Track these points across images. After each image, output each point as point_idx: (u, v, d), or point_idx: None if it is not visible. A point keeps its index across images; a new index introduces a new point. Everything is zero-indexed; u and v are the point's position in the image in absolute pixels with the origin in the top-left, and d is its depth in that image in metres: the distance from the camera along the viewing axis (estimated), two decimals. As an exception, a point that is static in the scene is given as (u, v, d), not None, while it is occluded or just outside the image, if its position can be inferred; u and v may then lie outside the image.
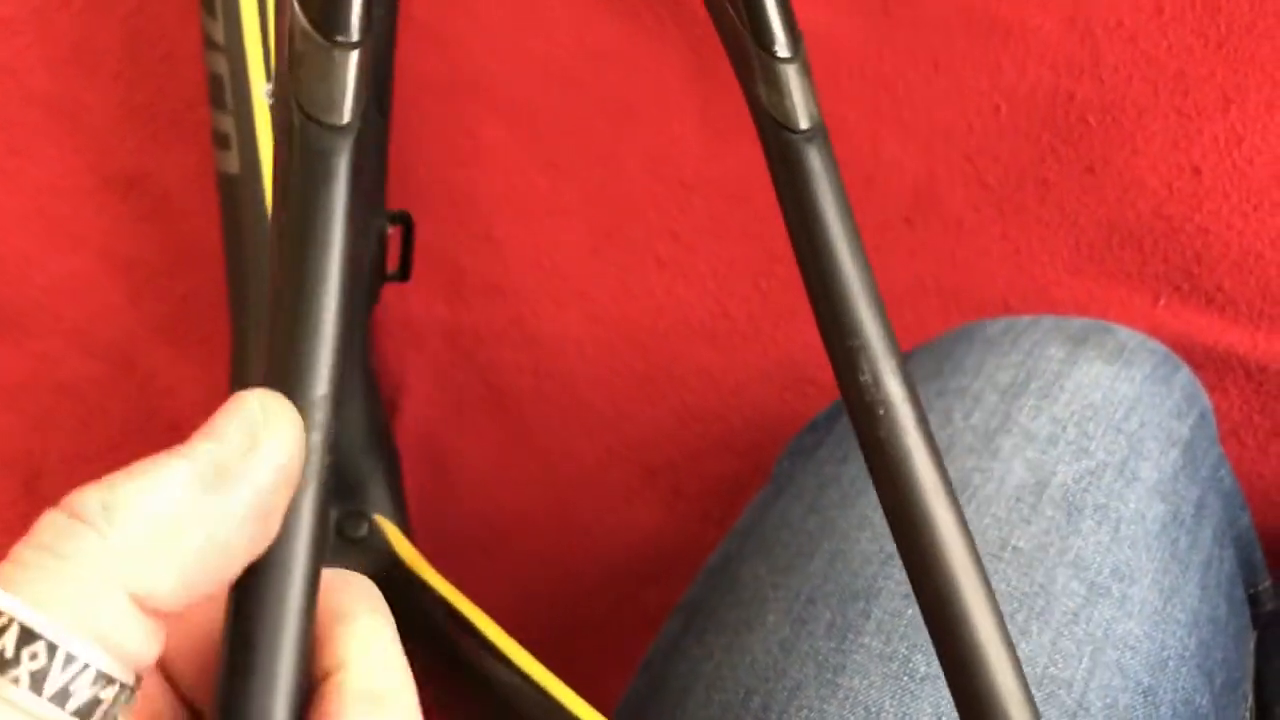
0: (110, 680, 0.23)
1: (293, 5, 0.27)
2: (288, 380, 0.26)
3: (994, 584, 0.50)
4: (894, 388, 0.32)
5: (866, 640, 0.49)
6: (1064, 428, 0.54)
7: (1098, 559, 0.51)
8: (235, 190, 0.64)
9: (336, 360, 0.27)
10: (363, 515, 0.65)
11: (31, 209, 0.81)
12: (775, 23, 0.33)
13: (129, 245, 0.81)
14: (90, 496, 0.23)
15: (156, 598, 0.24)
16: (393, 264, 0.68)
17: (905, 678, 0.48)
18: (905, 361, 0.32)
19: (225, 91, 0.63)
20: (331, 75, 0.27)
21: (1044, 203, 0.73)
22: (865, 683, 0.48)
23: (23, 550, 0.23)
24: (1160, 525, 0.53)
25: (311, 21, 0.27)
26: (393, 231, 0.67)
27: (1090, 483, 0.52)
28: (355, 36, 0.28)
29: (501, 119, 0.78)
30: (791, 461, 0.61)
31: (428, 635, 0.61)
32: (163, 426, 0.80)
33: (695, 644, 0.54)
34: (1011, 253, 0.73)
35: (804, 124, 0.33)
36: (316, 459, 0.26)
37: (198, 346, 0.79)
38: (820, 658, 0.49)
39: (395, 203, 0.78)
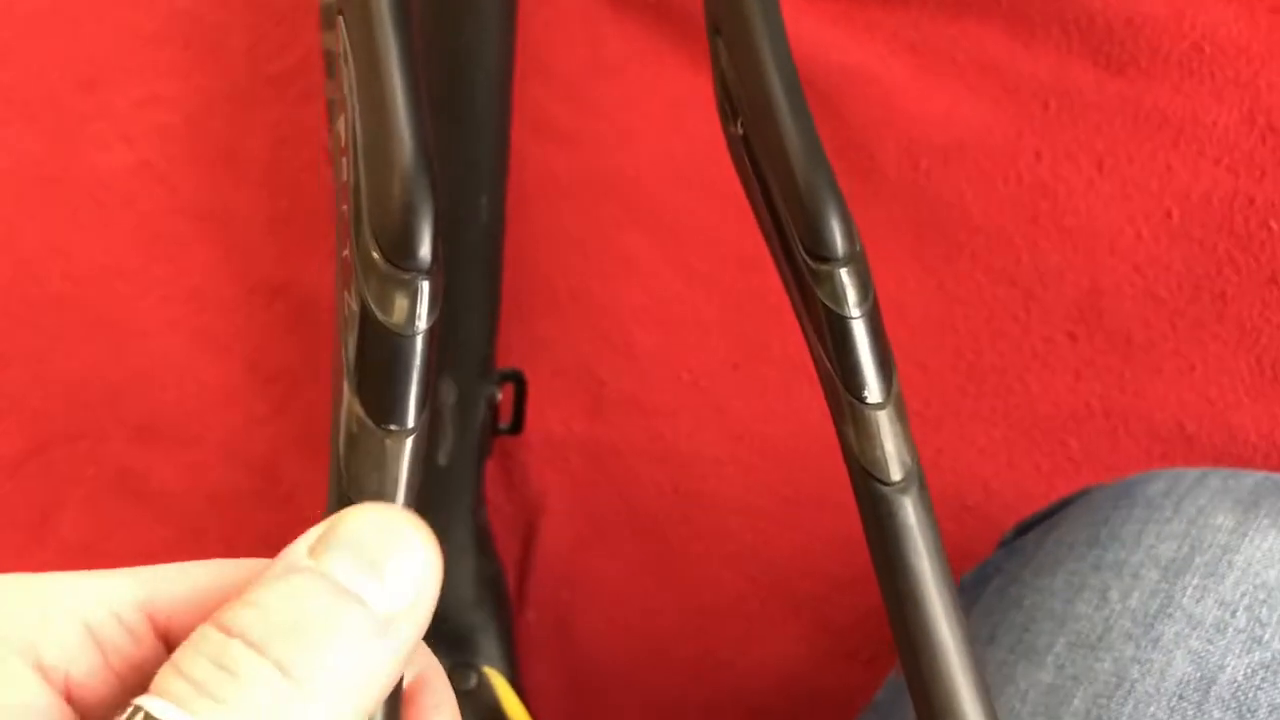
0: None
1: (348, 389, 0.26)
2: None
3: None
4: None
5: None
6: (1233, 613, 0.49)
7: (1274, 766, 0.46)
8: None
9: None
10: (471, 667, 0.64)
11: (181, 317, 0.82)
12: (866, 366, 0.30)
13: (274, 355, 0.81)
14: (301, 657, 0.24)
15: None
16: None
17: None
18: None
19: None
20: (384, 466, 0.26)
21: (1222, 317, 0.67)
22: None
23: (242, 701, 0.23)
24: (1349, 724, 0.48)
25: (365, 407, 0.26)
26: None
27: (1264, 678, 0.47)
28: (411, 424, 0.26)
29: (640, 225, 0.76)
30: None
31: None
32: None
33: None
34: (1186, 371, 0.67)
35: (896, 475, 0.30)
36: None
37: (339, 461, 0.79)
38: None
39: (534, 315, 0.76)
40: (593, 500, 0.75)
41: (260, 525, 0.80)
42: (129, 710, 0.24)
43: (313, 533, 0.26)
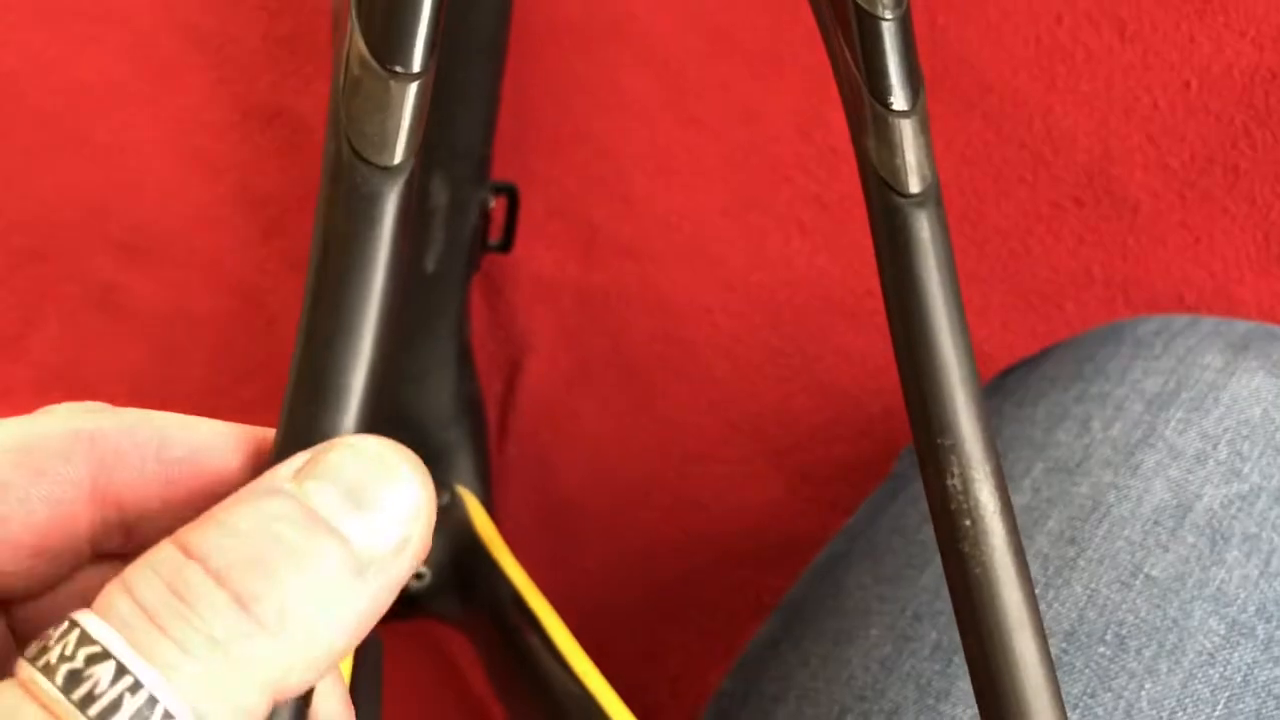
0: None
1: (353, 27, 0.25)
2: (307, 445, 0.24)
3: (1122, 615, 0.45)
4: (985, 497, 0.27)
5: (972, 666, 0.44)
6: (1215, 445, 0.48)
7: (1242, 594, 0.45)
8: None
9: (363, 429, 0.24)
10: (444, 485, 0.63)
11: (175, 137, 0.81)
12: (895, 71, 0.28)
13: (265, 179, 0.80)
14: (264, 592, 0.22)
15: (288, 691, 0.22)
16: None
17: (1011, 711, 0.43)
18: (1001, 469, 0.27)
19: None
20: (387, 109, 0.25)
21: (1232, 191, 0.66)
22: (969, 712, 0.44)
23: (191, 636, 0.21)
24: (1321, 562, 0.47)
25: (370, 46, 0.25)
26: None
27: (1240, 508, 0.46)
28: (417, 68, 0.25)
29: (646, 68, 0.74)
30: (913, 460, 0.56)
31: (490, 615, 0.59)
32: (289, 364, 0.79)
33: (792, 650, 0.50)
34: (1191, 244, 0.66)
35: (915, 187, 0.28)
36: None
37: (324, 287, 0.78)
38: (923, 680, 0.45)
39: (533, 154, 0.75)
40: (580, 342, 0.74)
41: (241, 348, 0.79)
42: (63, 625, 0.21)
43: (299, 457, 0.24)
